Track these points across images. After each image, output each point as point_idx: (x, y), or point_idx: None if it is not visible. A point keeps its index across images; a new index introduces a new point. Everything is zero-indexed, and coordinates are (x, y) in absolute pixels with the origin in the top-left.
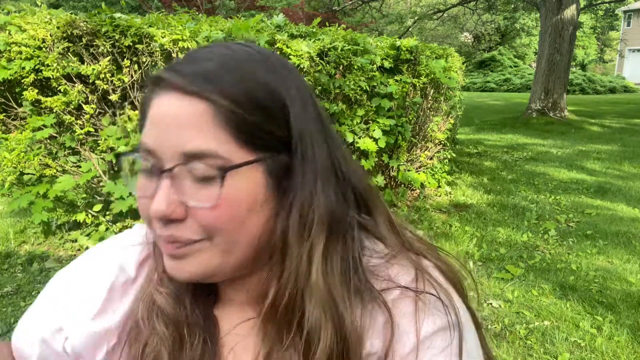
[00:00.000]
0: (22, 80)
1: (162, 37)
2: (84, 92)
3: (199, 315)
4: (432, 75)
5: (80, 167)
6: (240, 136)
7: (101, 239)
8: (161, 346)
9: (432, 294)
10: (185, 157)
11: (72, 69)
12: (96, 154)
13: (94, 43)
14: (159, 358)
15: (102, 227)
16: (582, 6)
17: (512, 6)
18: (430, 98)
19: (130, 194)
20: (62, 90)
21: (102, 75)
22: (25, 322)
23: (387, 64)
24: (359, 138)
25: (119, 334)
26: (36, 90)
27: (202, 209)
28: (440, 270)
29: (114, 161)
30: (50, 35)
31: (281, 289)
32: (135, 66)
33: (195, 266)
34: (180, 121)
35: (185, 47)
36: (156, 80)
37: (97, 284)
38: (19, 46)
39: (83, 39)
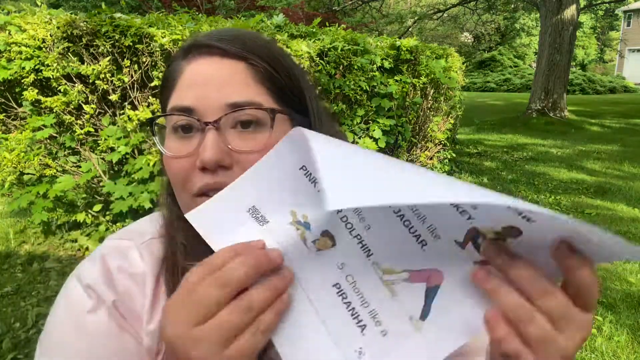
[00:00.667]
0: (22, 80)
1: (162, 37)
2: (84, 92)
3: None
4: (432, 75)
5: (80, 167)
6: (275, 92)
7: (101, 239)
8: None
9: None
10: (229, 107)
11: (72, 69)
12: (96, 154)
13: (94, 43)
14: None
15: (102, 227)
16: (582, 6)
17: (512, 6)
18: (430, 98)
19: (130, 193)
20: (62, 90)
21: (102, 75)
22: None
23: (387, 64)
24: (359, 138)
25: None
26: (36, 90)
27: (249, 154)
28: None
29: (114, 161)
30: (50, 35)
31: None
32: (135, 66)
33: None
34: (222, 79)
35: None
36: (192, 46)
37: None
38: (19, 46)
39: (83, 39)
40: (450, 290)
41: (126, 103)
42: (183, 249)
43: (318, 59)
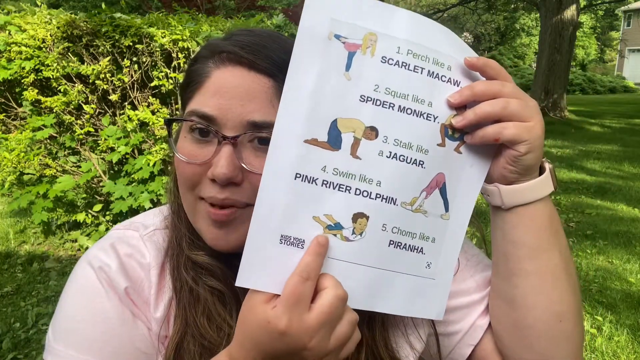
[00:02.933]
0: (22, 80)
1: (162, 37)
2: (84, 92)
3: (236, 268)
4: None
5: (80, 167)
6: None
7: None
8: (213, 297)
9: None
10: (250, 126)
11: (72, 69)
12: (96, 154)
13: (94, 43)
14: (213, 311)
15: (102, 227)
16: (582, 6)
17: (512, 6)
18: None
19: (130, 193)
20: (62, 90)
21: (102, 75)
22: None
23: None
24: None
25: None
26: (36, 90)
27: (259, 174)
28: None
29: (114, 161)
30: (50, 35)
31: None
32: (135, 66)
33: (239, 233)
34: (247, 93)
35: (185, 47)
36: (222, 52)
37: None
38: (19, 46)
39: (83, 39)
40: (453, 178)
41: (126, 103)
42: (188, 239)
43: None
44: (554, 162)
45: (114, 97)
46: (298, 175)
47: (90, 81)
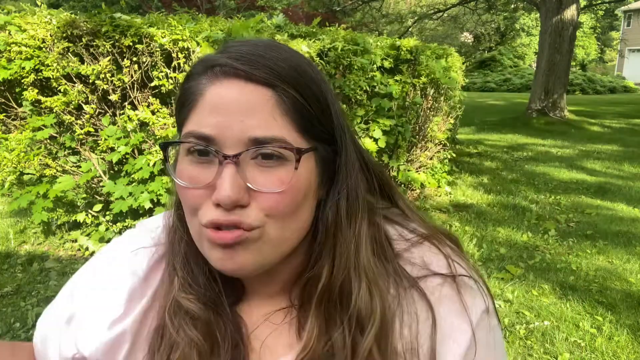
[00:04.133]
0: (22, 80)
1: (162, 37)
2: (84, 92)
3: (227, 317)
4: (432, 75)
5: (80, 167)
6: (301, 124)
7: (101, 239)
8: (191, 351)
9: (467, 276)
10: (252, 142)
11: (72, 69)
12: (96, 154)
13: (94, 43)
14: None
15: (102, 227)
16: (582, 6)
17: (512, 6)
18: (430, 98)
19: (130, 193)
20: (62, 90)
21: (102, 75)
22: (44, 326)
23: (387, 64)
24: (359, 138)
25: (132, 338)
26: (36, 90)
27: (268, 193)
28: (453, 243)
29: (114, 161)
30: (50, 35)
31: (334, 271)
32: (135, 66)
33: (247, 256)
34: (246, 108)
35: (185, 47)
36: (216, 66)
37: (113, 294)
38: (19, 46)
39: (83, 39)
40: None
41: (126, 103)
42: (181, 277)
43: (318, 59)
44: (554, 162)
45: (114, 97)
46: None
47: (90, 81)
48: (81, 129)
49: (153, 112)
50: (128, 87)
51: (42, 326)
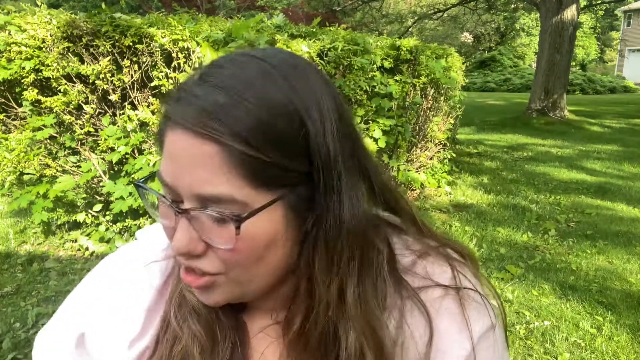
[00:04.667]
0: (22, 80)
1: (162, 37)
2: (84, 92)
3: (229, 317)
4: (432, 75)
5: (80, 167)
6: (256, 178)
7: (101, 239)
8: (193, 345)
9: (473, 290)
10: (201, 200)
11: (72, 69)
12: (96, 154)
13: (94, 43)
14: (189, 357)
15: (102, 227)
16: (582, 6)
17: (512, 6)
18: (430, 98)
19: (130, 193)
20: (62, 90)
21: (102, 75)
22: (46, 348)
23: (387, 64)
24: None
25: (154, 347)
26: (36, 90)
27: (224, 250)
28: (464, 258)
29: (114, 161)
30: (50, 35)
31: (311, 319)
32: (135, 66)
33: (220, 295)
34: (193, 161)
35: (185, 47)
36: (165, 114)
37: (130, 310)
38: (19, 46)
39: (83, 39)
40: None
41: (126, 103)
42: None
43: (318, 59)
44: (554, 162)
45: (114, 97)
46: None
47: (90, 81)
48: (81, 129)
49: (153, 112)
50: (128, 87)
51: (43, 348)
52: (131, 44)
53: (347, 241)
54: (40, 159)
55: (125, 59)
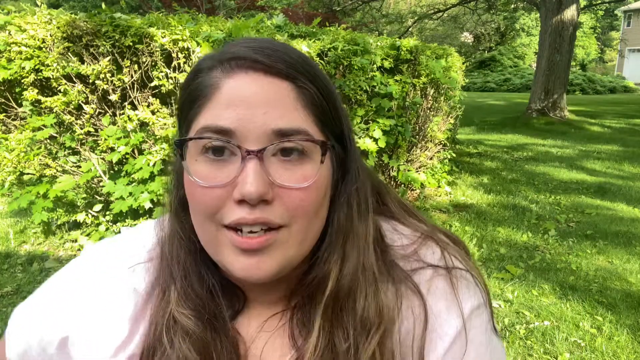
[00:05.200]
0: (22, 80)
1: (162, 37)
2: (84, 92)
3: (225, 333)
4: (432, 75)
5: (80, 167)
6: (320, 119)
7: (101, 239)
8: None
9: (464, 270)
10: (275, 135)
11: (72, 69)
12: (96, 154)
13: (94, 43)
14: None
15: (102, 227)
16: (582, 6)
17: (512, 6)
18: (430, 98)
19: (130, 193)
20: (62, 90)
21: (102, 75)
22: (24, 341)
23: (387, 64)
24: (359, 138)
25: (140, 354)
26: (36, 90)
27: (294, 189)
28: (455, 243)
29: (114, 161)
30: (50, 35)
31: (343, 273)
32: (135, 66)
33: (272, 262)
34: (268, 100)
35: (185, 47)
36: (232, 59)
37: (115, 316)
38: (19, 46)
39: (83, 39)
40: None
41: (126, 103)
42: (179, 287)
43: (318, 59)
44: (554, 162)
45: (114, 97)
46: None
47: (90, 81)
48: (81, 129)
49: (153, 112)
50: (128, 87)
51: (21, 340)
52: (131, 44)
53: (368, 195)
54: (40, 159)
55: (125, 59)
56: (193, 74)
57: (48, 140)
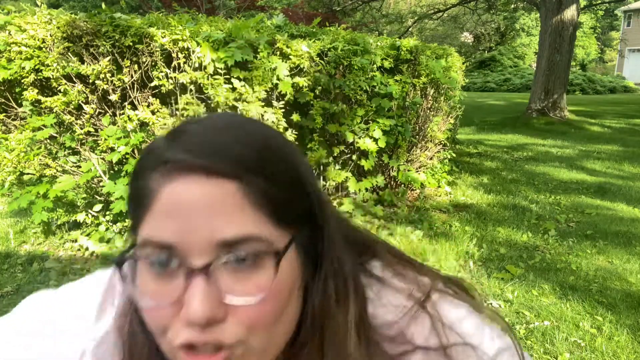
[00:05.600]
0: (22, 80)
1: (162, 37)
2: (84, 92)
3: None
4: (432, 75)
5: (80, 167)
6: (275, 215)
7: (101, 239)
8: None
9: (468, 344)
10: (221, 247)
11: (72, 69)
12: (96, 154)
13: (94, 43)
14: None
15: (102, 227)
16: (582, 6)
17: (512, 6)
18: (430, 98)
19: None
20: (62, 90)
21: (102, 75)
22: None
23: (387, 64)
24: (359, 138)
25: None
26: (36, 90)
27: (248, 307)
28: (462, 290)
29: (114, 161)
30: (50, 35)
31: None
32: (135, 66)
33: None
34: (210, 207)
35: (185, 47)
36: (168, 162)
37: None
38: (19, 46)
39: (83, 39)
40: None
41: (126, 103)
42: None
43: (318, 59)
44: (554, 162)
45: (114, 97)
46: None
47: (90, 81)
48: (81, 129)
49: (153, 112)
50: (128, 87)
51: None
52: (131, 44)
53: (346, 272)
54: (40, 159)
55: (125, 59)
56: (134, 175)
57: (48, 140)
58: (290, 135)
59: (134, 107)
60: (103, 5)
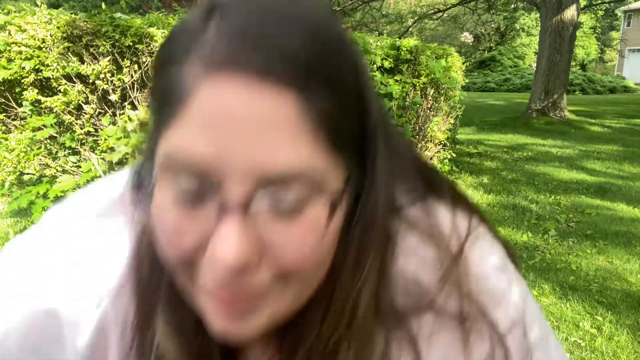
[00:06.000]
0: (22, 80)
1: (162, 37)
2: (84, 92)
3: None
4: (432, 75)
5: (80, 167)
6: (335, 140)
7: None
8: None
9: (479, 318)
10: (266, 181)
11: (72, 69)
12: (96, 154)
13: (94, 43)
14: None
15: None
16: (582, 6)
17: (512, 6)
18: (430, 98)
19: None
20: (62, 90)
21: (102, 75)
22: None
23: (387, 64)
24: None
25: None
26: (36, 90)
27: (288, 250)
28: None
29: (114, 161)
30: (50, 35)
31: (324, 325)
32: (135, 66)
33: (260, 321)
34: (259, 121)
35: None
36: (208, 51)
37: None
38: (19, 46)
39: (83, 39)
40: None
41: (126, 103)
42: (163, 326)
43: None
44: (554, 162)
45: (114, 97)
46: None
47: (90, 81)
48: (81, 129)
49: None
50: (128, 87)
51: None
52: (131, 44)
53: (380, 233)
54: (40, 159)
55: (125, 59)
56: (159, 62)
57: (48, 140)
58: None
59: (134, 107)
60: (103, 5)
